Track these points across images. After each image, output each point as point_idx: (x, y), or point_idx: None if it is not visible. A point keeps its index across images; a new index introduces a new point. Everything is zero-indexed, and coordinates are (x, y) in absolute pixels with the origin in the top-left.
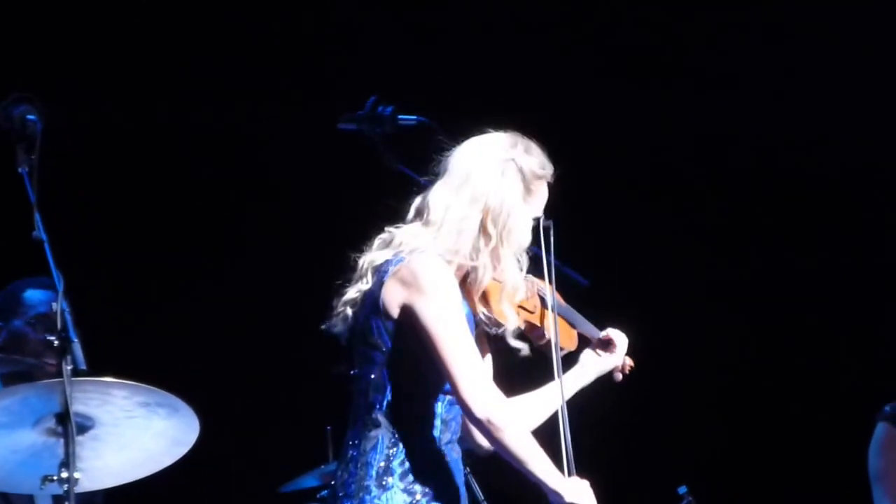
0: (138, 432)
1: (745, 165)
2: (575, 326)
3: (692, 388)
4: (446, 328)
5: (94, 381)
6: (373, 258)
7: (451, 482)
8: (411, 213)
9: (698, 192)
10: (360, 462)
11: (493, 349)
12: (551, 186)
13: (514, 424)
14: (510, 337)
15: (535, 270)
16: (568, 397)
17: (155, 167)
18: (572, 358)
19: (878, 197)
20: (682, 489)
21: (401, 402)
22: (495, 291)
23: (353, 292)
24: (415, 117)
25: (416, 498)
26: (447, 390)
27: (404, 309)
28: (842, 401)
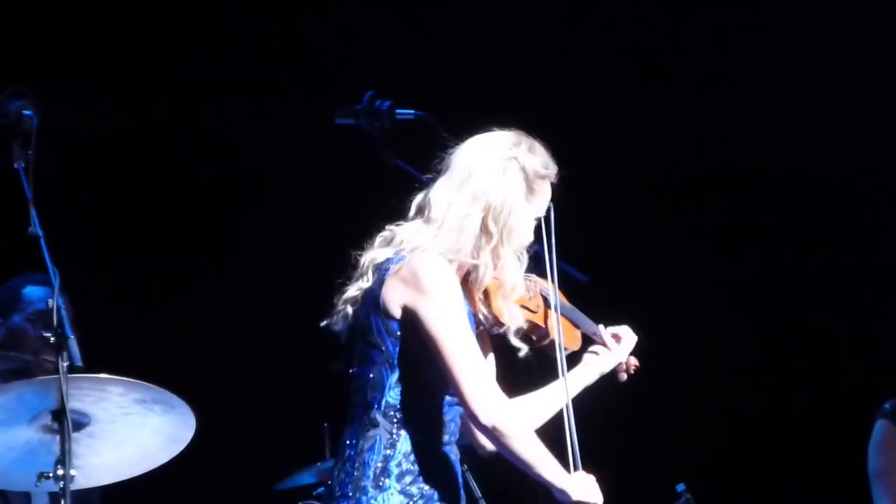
0: (134, 429)
1: (745, 165)
2: (578, 326)
3: (692, 388)
4: (447, 329)
5: (91, 377)
6: (374, 256)
7: (450, 484)
8: (413, 210)
9: (698, 192)
10: (357, 462)
11: (494, 348)
12: (554, 186)
13: (520, 428)
14: (511, 336)
15: (537, 270)
16: (572, 396)
17: (155, 167)
18: (576, 358)
19: (878, 197)
20: (681, 486)
21: (399, 401)
22: (496, 290)
23: (353, 290)
24: (413, 112)
25: (414, 500)
26: (447, 391)
27: (405, 309)
28: (841, 400)
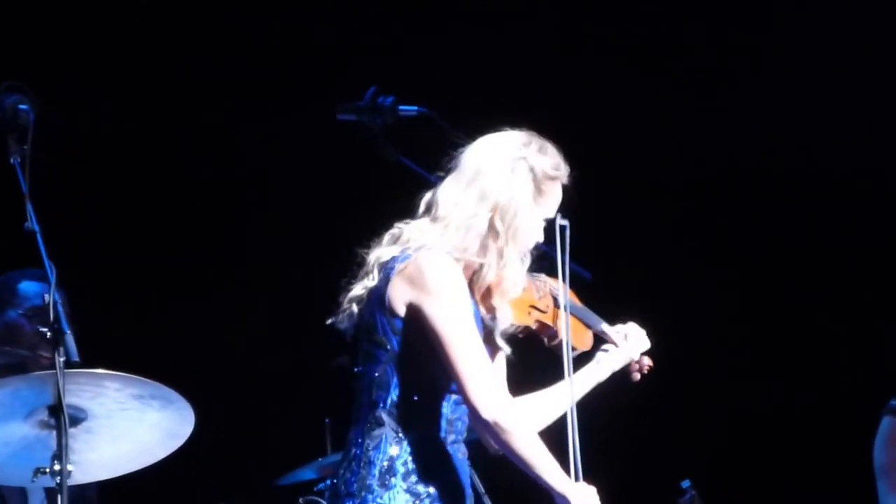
0: (132, 424)
1: (745, 165)
2: (590, 327)
3: (692, 388)
4: (453, 329)
5: (87, 372)
6: (380, 254)
7: (456, 483)
8: (421, 208)
9: (699, 192)
10: (362, 460)
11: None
12: (566, 188)
13: (521, 427)
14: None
15: (547, 270)
16: (583, 394)
17: (155, 167)
18: (588, 359)
19: (878, 197)
20: (686, 483)
21: (405, 400)
22: (495, 287)
23: (359, 289)
24: (416, 108)
25: (420, 498)
26: (453, 390)
27: (410, 308)
28: (842, 399)
